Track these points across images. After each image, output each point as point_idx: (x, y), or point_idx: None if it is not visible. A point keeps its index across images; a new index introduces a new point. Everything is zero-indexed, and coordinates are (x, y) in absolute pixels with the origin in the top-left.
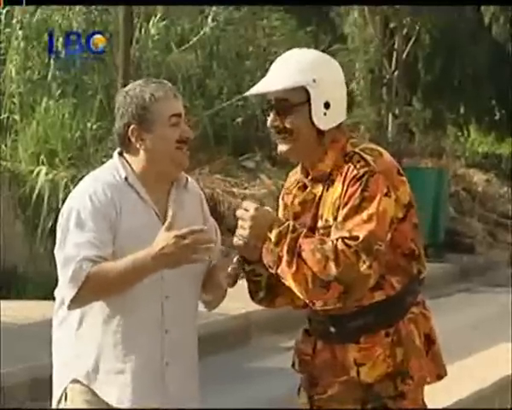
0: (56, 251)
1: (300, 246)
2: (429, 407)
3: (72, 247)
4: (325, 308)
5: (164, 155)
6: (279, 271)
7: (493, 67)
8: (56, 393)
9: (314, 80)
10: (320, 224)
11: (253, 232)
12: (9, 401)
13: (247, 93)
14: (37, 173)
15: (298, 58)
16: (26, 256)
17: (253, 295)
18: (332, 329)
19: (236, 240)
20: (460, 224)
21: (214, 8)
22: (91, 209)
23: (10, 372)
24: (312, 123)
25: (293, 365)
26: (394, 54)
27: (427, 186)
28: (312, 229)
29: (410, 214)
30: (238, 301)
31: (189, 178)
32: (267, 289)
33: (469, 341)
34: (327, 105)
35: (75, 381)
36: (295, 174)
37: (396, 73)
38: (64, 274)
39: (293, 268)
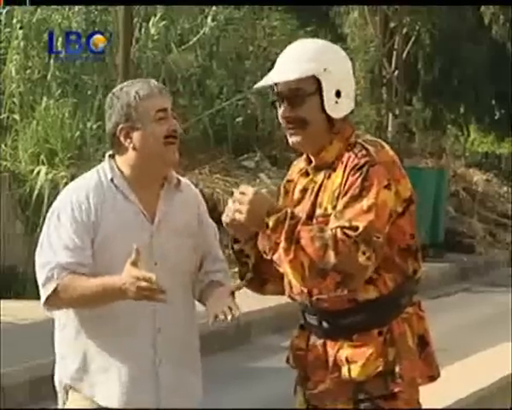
0: (36, 252)
1: (299, 233)
2: (429, 407)
3: (48, 250)
4: (320, 297)
5: (152, 151)
6: (275, 257)
7: (493, 66)
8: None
9: (325, 69)
10: (318, 212)
11: (250, 217)
12: (9, 401)
13: (259, 83)
14: (37, 173)
15: (307, 47)
16: (25, 256)
17: (242, 276)
18: (325, 325)
19: (225, 217)
20: (460, 224)
21: (214, 7)
22: (71, 213)
23: (10, 372)
24: (324, 112)
25: (287, 360)
26: (394, 54)
27: (427, 186)
28: (310, 217)
29: (410, 210)
30: (238, 300)
31: (182, 179)
32: (255, 272)
33: (469, 341)
34: (338, 93)
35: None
36: (299, 163)
37: (396, 72)
38: (39, 277)
39: (291, 255)
